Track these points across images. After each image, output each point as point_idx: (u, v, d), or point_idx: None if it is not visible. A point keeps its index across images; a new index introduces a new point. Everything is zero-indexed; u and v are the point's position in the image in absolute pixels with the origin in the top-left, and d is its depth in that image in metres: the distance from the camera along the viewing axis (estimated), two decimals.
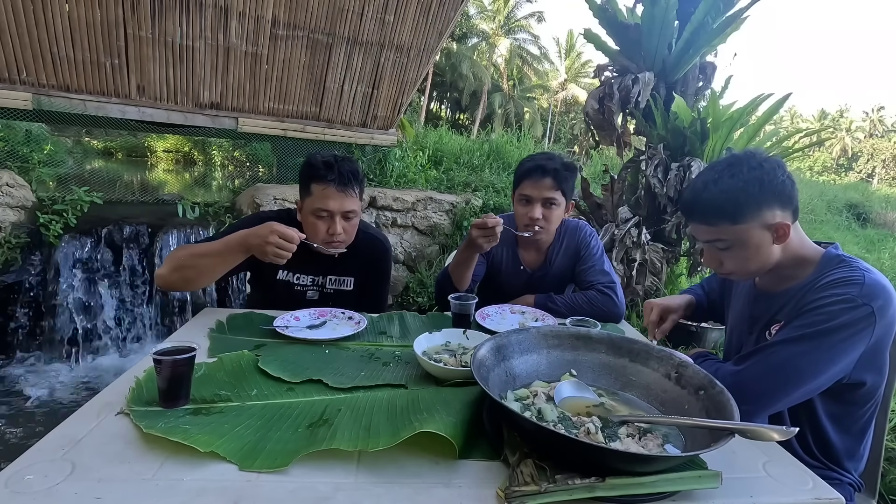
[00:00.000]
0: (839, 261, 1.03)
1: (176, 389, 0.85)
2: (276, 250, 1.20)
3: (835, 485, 0.82)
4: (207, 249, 1.28)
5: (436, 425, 0.77)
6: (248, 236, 1.24)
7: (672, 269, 3.74)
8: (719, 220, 1.03)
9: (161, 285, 1.33)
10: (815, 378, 0.97)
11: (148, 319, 3.28)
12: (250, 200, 3.79)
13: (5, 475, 0.67)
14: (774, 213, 1.01)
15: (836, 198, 11.19)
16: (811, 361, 0.96)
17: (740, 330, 1.22)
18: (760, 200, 1.00)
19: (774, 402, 0.99)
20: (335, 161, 1.45)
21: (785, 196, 1.01)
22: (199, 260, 1.27)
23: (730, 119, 3.30)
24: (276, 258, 1.23)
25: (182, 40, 3.60)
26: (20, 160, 3.39)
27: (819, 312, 0.97)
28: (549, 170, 1.58)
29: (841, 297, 0.96)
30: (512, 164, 6.30)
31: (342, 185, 1.43)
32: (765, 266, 1.07)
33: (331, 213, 1.43)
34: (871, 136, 49.39)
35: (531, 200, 1.62)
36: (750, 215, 1.01)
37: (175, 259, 1.30)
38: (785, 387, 0.97)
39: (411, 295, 4.20)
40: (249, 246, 1.24)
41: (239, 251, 1.26)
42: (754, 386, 0.99)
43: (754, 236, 1.02)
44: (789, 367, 0.97)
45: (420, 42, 4.33)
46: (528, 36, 31.37)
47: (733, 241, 1.04)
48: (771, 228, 1.01)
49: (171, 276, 1.30)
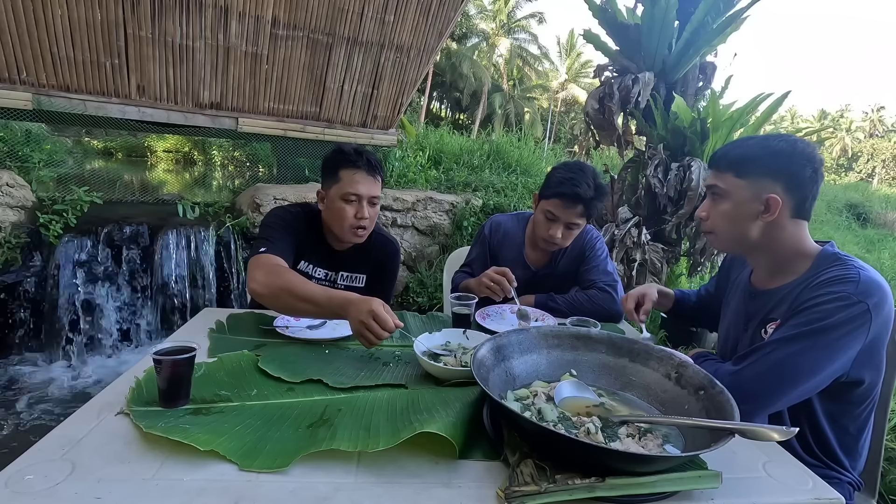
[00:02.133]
0: (834, 259, 1.04)
1: (176, 389, 0.85)
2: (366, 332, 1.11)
3: (834, 484, 0.82)
4: (311, 295, 1.21)
5: (436, 425, 0.77)
6: (349, 305, 1.15)
7: (672, 269, 3.74)
8: (727, 169, 1.08)
9: (255, 297, 1.30)
10: (813, 377, 0.97)
11: (148, 319, 3.28)
12: (250, 200, 3.79)
13: (5, 475, 0.67)
14: (775, 188, 1.03)
15: (836, 198, 11.20)
16: (809, 360, 0.96)
17: (736, 327, 1.22)
18: (770, 169, 1.03)
19: (774, 401, 0.99)
20: (363, 149, 1.53)
21: (795, 181, 1.02)
22: (298, 301, 1.22)
23: (730, 119, 3.30)
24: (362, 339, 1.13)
25: (182, 40, 3.60)
26: (20, 160, 3.39)
27: (815, 311, 0.97)
28: (583, 199, 1.56)
29: (836, 295, 0.96)
30: (512, 164, 6.31)
31: (370, 170, 1.50)
32: (742, 237, 1.08)
33: (360, 197, 1.48)
34: (871, 136, 49.40)
35: (556, 220, 1.61)
36: (752, 175, 1.04)
37: (275, 283, 1.25)
38: (783, 386, 0.98)
39: (411, 295, 4.20)
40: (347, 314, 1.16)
41: (335, 313, 1.19)
42: (753, 385, 0.99)
43: (745, 196, 1.05)
44: (787, 366, 0.97)
45: (420, 42, 4.33)
46: (528, 36, 31.38)
47: (726, 192, 1.08)
48: (762, 201, 1.03)
49: (269, 297, 1.26)
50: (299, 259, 1.57)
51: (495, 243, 1.82)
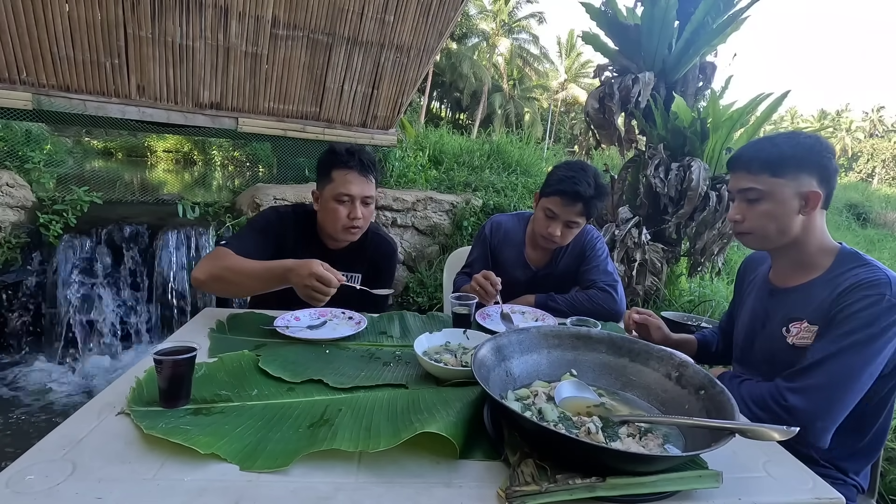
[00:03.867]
0: (856, 257, 1.06)
1: (176, 389, 0.85)
2: (313, 293, 1.18)
3: (835, 485, 0.82)
4: (250, 269, 1.27)
5: (436, 425, 0.76)
6: (289, 272, 1.21)
7: (672, 269, 3.74)
8: (761, 170, 1.08)
9: (196, 286, 1.34)
10: (868, 383, 0.99)
11: (148, 319, 3.28)
12: (250, 200, 3.79)
13: (6, 475, 0.66)
14: (812, 182, 1.05)
15: (836, 198, 11.12)
16: (864, 367, 0.98)
17: (752, 326, 1.22)
18: (804, 164, 1.05)
19: (842, 413, 1.00)
20: (355, 149, 1.53)
21: (826, 174, 1.06)
22: (240, 277, 1.27)
23: (730, 119, 3.30)
24: (311, 300, 1.20)
25: (182, 40, 3.60)
26: (20, 160, 3.39)
27: (859, 317, 0.98)
28: (583, 197, 1.57)
29: (875, 299, 0.97)
30: (512, 164, 6.31)
31: (363, 171, 1.50)
32: (782, 234, 1.09)
33: (352, 197, 1.48)
34: (871, 136, 49.39)
35: (555, 218, 1.62)
36: (790, 173, 1.06)
37: (215, 267, 1.30)
38: (849, 397, 0.99)
39: (411, 295, 4.20)
40: (290, 281, 1.22)
41: (279, 282, 1.25)
42: (823, 403, 0.99)
43: (786, 195, 1.06)
44: (850, 377, 0.98)
45: (420, 42, 4.33)
46: (529, 36, 31.37)
47: (765, 193, 1.08)
48: (802, 196, 1.06)
49: (209, 282, 1.31)
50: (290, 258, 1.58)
51: (496, 243, 1.82)
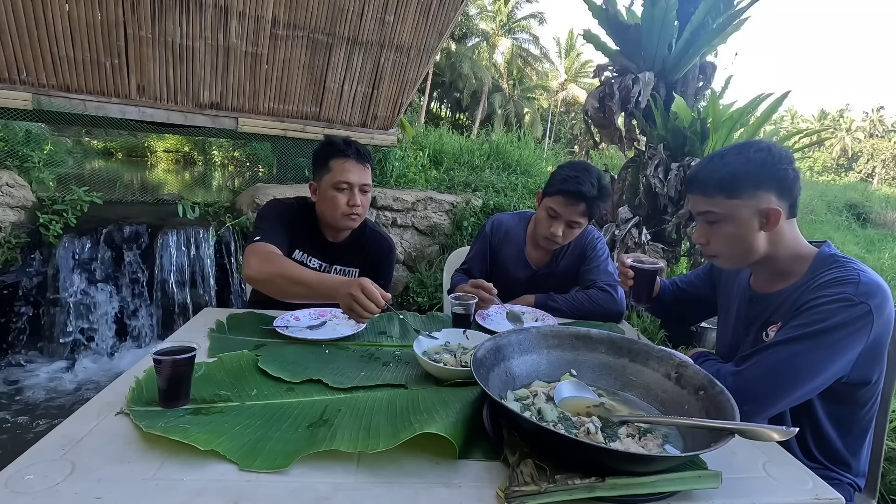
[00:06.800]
0: (833, 260, 1.04)
1: (176, 389, 0.85)
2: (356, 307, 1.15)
3: (834, 485, 0.82)
4: (304, 279, 1.28)
5: (436, 426, 0.77)
6: (339, 286, 1.20)
7: (672, 269, 3.73)
8: (716, 192, 1.05)
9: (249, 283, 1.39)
10: (814, 378, 0.97)
11: (148, 319, 3.28)
12: (250, 200, 3.79)
13: (5, 475, 0.67)
14: (770, 198, 1.02)
15: (836, 198, 11.19)
16: (810, 361, 0.96)
17: (735, 331, 1.22)
18: (759, 181, 1.02)
19: (775, 402, 0.99)
20: (351, 140, 1.58)
21: (784, 186, 1.02)
22: (292, 286, 1.29)
23: (730, 119, 3.30)
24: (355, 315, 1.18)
25: (182, 40, 3.60)
26: (20, 160, 3.39)
27: (816, 312, 0.97)
28: (586, 197, 1.57)
29: (838, 297, 0.96)
30: (512, 164, 6.30)
31: (360, 159, 1.55)
32: (749, 253, 1.07)
33: (351, 184, 1.53)
34: (871, 136, 49.37)
35: (557, 217, 1.62)
36: (745, 193, 1.02)
37: (269, 271, 1.32)
38: (785, 387, 0.98)
39: (411, 295, 4.20)
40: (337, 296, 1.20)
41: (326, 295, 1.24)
42: (755, 386, 0.99)
43: (744, 215, 1.03)
44: (789, 367, 0.97)
45: (420, 42, 4.33)
46: (529, 36, 31.36)
47: (723, 216, 1.05)
48: (762, 214, 1.02)
49: (264, 284, 1.35)
50: (294, 249, 1.61)
51: (497, 242, 1.83)
